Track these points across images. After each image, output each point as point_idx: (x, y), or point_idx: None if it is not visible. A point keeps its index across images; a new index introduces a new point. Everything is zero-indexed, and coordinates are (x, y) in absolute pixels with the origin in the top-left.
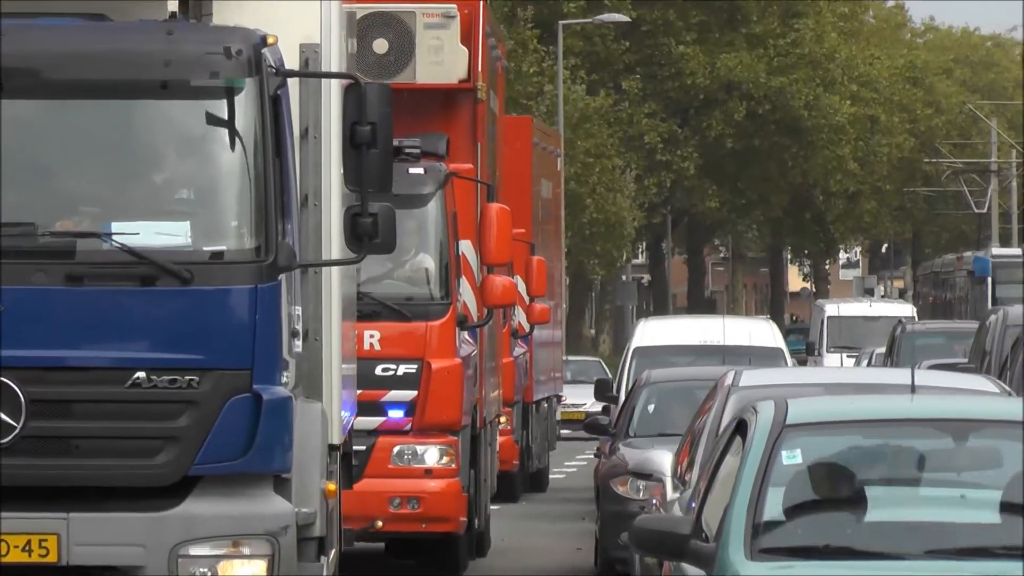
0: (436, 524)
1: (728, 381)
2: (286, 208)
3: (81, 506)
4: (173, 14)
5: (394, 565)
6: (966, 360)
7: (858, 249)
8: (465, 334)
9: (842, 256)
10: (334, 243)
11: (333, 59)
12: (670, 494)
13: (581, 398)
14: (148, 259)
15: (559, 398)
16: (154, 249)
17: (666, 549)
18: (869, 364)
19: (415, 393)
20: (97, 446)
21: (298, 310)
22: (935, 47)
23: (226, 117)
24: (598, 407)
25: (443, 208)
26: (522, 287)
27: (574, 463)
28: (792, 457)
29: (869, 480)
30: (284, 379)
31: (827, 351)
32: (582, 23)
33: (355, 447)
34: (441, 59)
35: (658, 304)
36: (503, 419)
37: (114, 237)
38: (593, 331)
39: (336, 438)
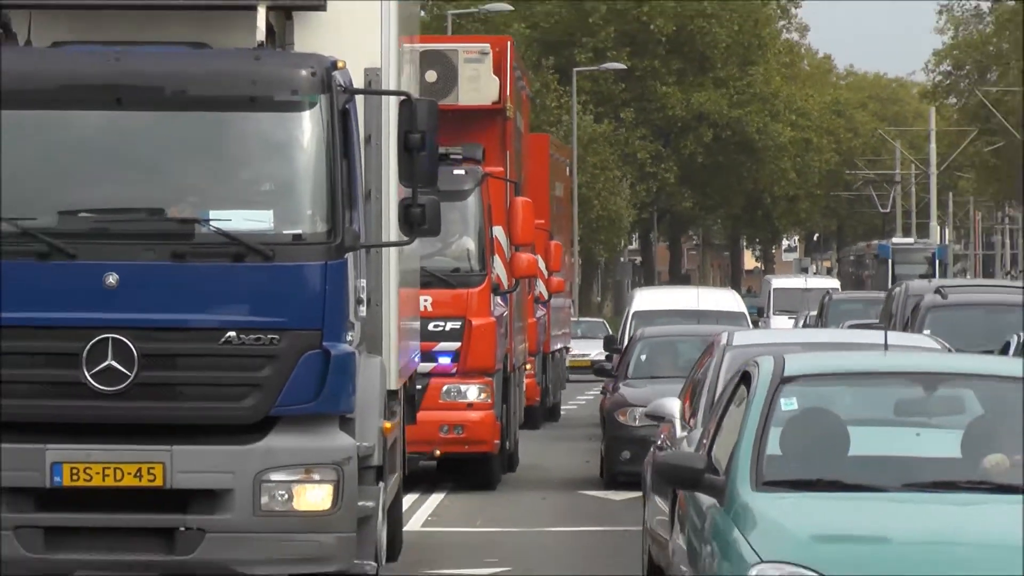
0: (476, 446)
1: (723, 340)
2: (353, 200)
3: (182, 440)
4: (261, 43)
5: (443, 479)
6: (877, 321)
7: (796, 238)
8: (498, 299)
9: (784, 243)
10: (392, 229)
11: (391, 80)
12: (679, 433)
13: (587, 349)
14: (238, 240)
15: (568, 349)
16: (243, 232)
17: (684, 481)
18: (805, 324)
19: (459, 344)
20: (195, 392)
21: (363, 282)
22: (854, 87)
23: (303, 126)
24: (601, 356)
25: (480, 201)
26: (542, 264)
27: (581, 399)
28: (789, 404)
29: (853, 423)
30: (349, 338)
31: (773, 314)
32: (591, 69)
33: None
34: (478, 86)
35: (647, 279)
36: (528, 366)
37: (211, 222)
38: (599, 298)
39: (393, 384)
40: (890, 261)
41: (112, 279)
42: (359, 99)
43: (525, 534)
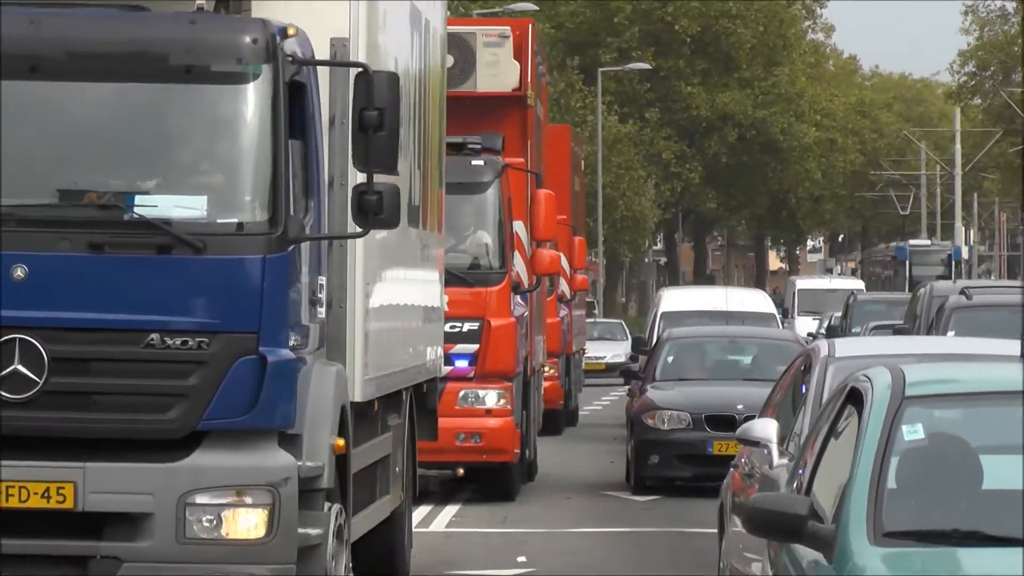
0: (494, 455)
1: (823, 351)
2: (310, 187)
3: (97, 456)
4: (200, 7)
5: (460, 489)
6: (902, 322)
7: (821, 239)
8: (518, 298)
9: (809, 244)
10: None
11: (360, 52)
12: (776, 461)
13: (603, 351)
14: (164, 229)
15: (583, 351)
16: (170, 220)
17: (783, 531)
18: (829, 325)
19: (477, 346)
20: (113, 401)
21: (322, 280)
22: (879, 88)
23: (243, 100)
24: (617, 359)
25: (500, 194)
26: (565, 262)
27: (598, 404)
28: (914, 432)
29: (996, 455)
30: (294, 342)
31: (798, 315)
32: (615, 70)
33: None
34: (497, 72)
35: (671, 279)
36: (548, 368)
37: (134, 209)
38: (623, 299)
39: (358, 395)
40: (907, 262)
41: (20, 272)
42: (324, 74)
43: (550, 535)
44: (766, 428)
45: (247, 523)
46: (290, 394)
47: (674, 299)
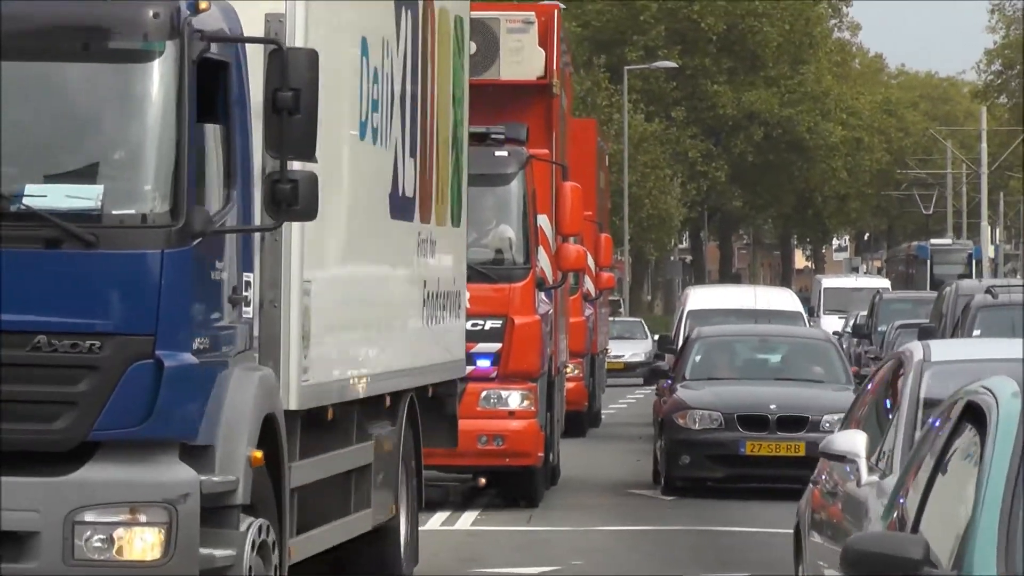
0: (518, 459)
1: (917, 355)
2: (232, 176)
3: None
4: None
5: (480, 493)
6: (928, 320)
7: (847, 237)
8: (542, 295)
9: (835, 243)
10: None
11: (298, 29)
12: (864, 477)
13: (621, 351)
14: (52, 222)
15: (606, 351)
16: (61, 211)
17: None
18: (855, 324)
19: (500, 345)
20: None
21: (249, 277)
22: (905, 86)
23: (144, 80)
24: (636, 358)
25: (524, 186)
26: (590, 260)
27: (619, 404)
28: None
29: None
30: (199, 346)
31: (823, 313)
32: (641, 68)
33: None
34: (521, 59)
35: (697, 278)
36: (570, 368)
37: (22, 199)
38: (649, 297)
39: (294, 403)
40: (929, 261)
41: None
42: (257, 55)
43: (575, 533)
44: (853, 441)
45: (141, 543)
46: (192, 402)
47: (701, 298)
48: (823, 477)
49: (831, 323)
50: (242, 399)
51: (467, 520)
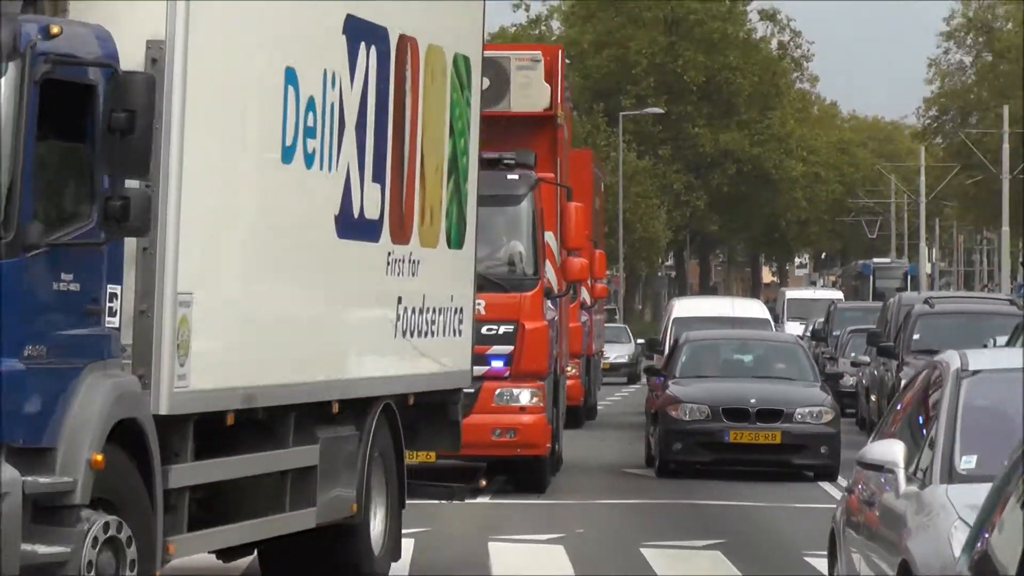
0: (528, 449)
1: (954, 364)
2: (90, 194)
3: None
4: None
5: (492, 481)
6: (875, 326)
7: (807, 256)
8: (549, 303)
9: (796, 260)
10: (169, 227)
11: (177, 57)
12: (903, 487)
13: (607, 353)
14: None
15: (602, 352)
16: None
17: None
18: (814, 329)
19: (512, 348)
20: None
21: (115, 288)
22: (856, 129)
23: None
24: (621, 360)
25: (533, 206)
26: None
27: (608, 400)
28: None
29: None
30: (32, 352)
31: (787, 320)
32: (634, 113)
33: (466, 390)
34: (529, 93)
35: (680, 290)
36: (570, 368)
37: None
38: (640, 306)
39: (164, 408)
40: (871, 276)
41: None
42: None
43: (578, 506)
44: (891, 451)
45: None
46: (25, 407)
47: (685, 307)
48: (859, 487)
49: (793, 328)
50: (89, 404)
51: (484, 495)
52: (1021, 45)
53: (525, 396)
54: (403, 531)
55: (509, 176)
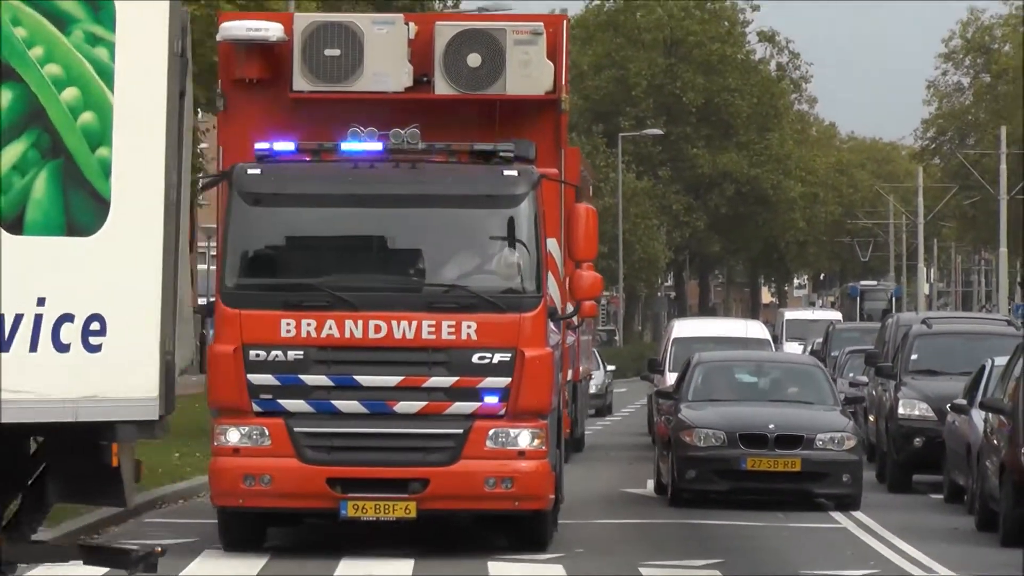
0: (528, 502)
1: None
2: None
3: None
4: None
5: (483, 538)
6: (873, 347)
7: (805, 277)
8: (552, 325)
9: (795, 281)
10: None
11: None
12: None
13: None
14: None
15: (590, 377)
16: None
17: None
18: (812, 350)
19: (509, 380)
20: None
21: None
22: (854, 150)
23: None
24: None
25: (535, 207)
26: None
27: (592, 428)
28: None
29: None
30: None
31: (786, 341)
32: (633, 135)
33: (453, 430)
34: (529, 72)
35: (680, 311)
36: None
37: None
38: (640, 327)
39: None
40: (859, 298)
41: None
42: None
43: (576, 525)
44: None
45: None
46: None
47: (685, 328)
48: None
49: (792, 349)
50: None
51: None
52: (1018, 66)
53: (525, 438)
54: (398, 550)
55: (506, 172)
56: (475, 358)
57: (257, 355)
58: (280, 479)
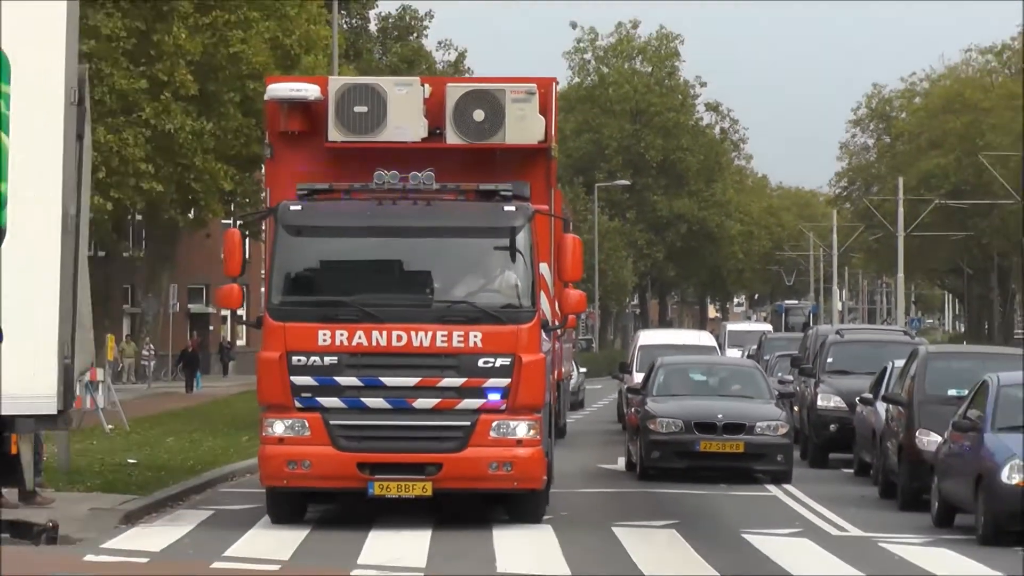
0: (525, 483)
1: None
2: None
3: None
4: None
5: (488, 510)
6: (797, 352)
7: (743, 297)
8: (544, 334)
9: (735, 300)
10: None
11: None
12: None
13: None
14: None
15: (570, 377)
16: None
17: None
18: (748, 354)
19: (509, 380)
20: None
21: None
22: (782, 196)
23: None
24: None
25: (530, 237)
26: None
27: (571, 418)
28: None
29: None
30: None
31: (728, 348)
32: (606, 185)
33: (462, 422)
34: (525, 125)
35: (644, 324)
36: None
37: None
38: (612, 337)
39: None
40: (784, 314)
41: None
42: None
43: (563, 494)
44: None
45: None
46: None
47: (649, 337)
48: None
49: (733, 354)
50: None
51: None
52: (912, 130)
53: (522, 429)
54: (417, 521)
55: (506, 207)
56: (480, 362)
57: (299, 360)
58: (318, 464)
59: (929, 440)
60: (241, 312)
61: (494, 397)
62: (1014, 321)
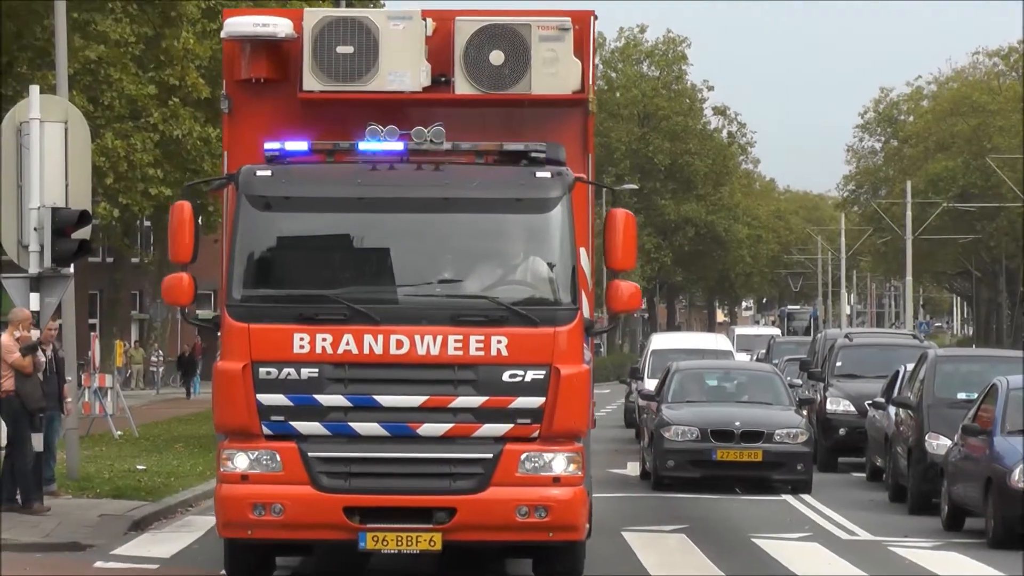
0: (562, 533)
1: None
2: None
3: None
4: None
5: (511, 563)
6: (806, 356)
7: (751, 301)
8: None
9: (743, 304)
10: None
11: None
12: None
13: None
14: None
15: None
16: None
17: None
18: (757, 358)
19: (543, 400)
20: None
21: None
22: (790, 200)
23: None
24: None
25: (569, 212)
26: None
27: None
28: None
29: None
30: None
31: (736, 352)
32: (614, 188)
33: (482, 455)
34: (556, 71)
35: (652, 328)
36: None
37: None
38: (620, 341)
39: None
40: (786, 319)
41: None
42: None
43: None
44: None
45: None
46: None
47: (661, 341)
48: None
49: (742, 358)
50: None
51: None
52: (920, 133)
53: (560, 463)
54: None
55: (539, 173)
56: (506, 376)
57: (267, 373)
58: (293, 508)
59: (939, 443)
60: (207, 312)
61: (523, 421)
62: (1023, 324)
